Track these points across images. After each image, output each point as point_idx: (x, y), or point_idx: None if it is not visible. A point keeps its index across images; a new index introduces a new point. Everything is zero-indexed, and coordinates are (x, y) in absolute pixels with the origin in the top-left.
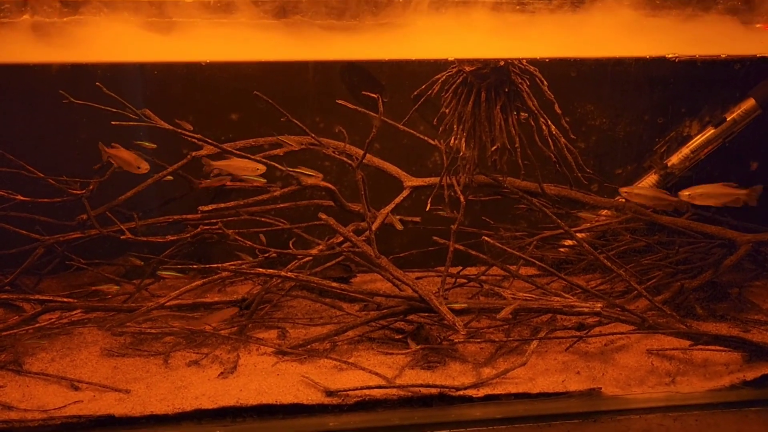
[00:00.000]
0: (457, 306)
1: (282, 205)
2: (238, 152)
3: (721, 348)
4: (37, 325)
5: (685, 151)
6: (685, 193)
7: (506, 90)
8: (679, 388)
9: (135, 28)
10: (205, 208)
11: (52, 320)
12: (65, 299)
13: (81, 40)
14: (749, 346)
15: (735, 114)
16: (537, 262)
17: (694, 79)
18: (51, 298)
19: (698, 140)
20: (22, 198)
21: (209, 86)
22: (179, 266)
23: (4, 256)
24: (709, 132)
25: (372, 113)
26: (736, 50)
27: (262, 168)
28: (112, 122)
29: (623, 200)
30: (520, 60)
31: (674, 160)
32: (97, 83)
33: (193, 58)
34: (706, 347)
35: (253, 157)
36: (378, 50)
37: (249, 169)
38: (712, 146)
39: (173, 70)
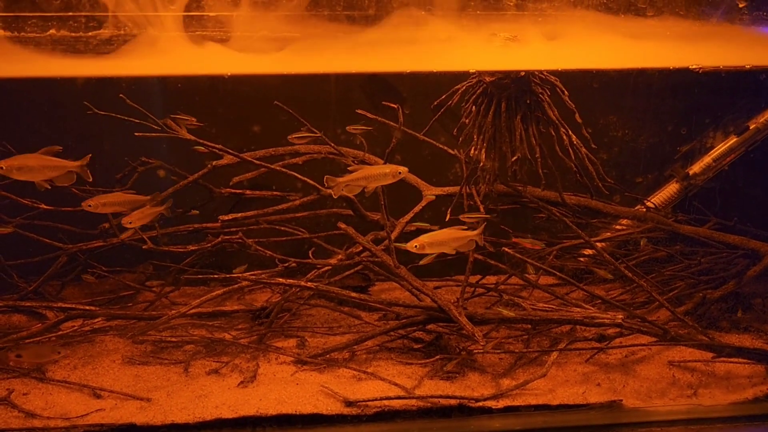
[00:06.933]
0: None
1: (301, 214)
2: (258, 162)
3: (744, 360)
4: (59, 333)
5: (707, 159)
6: None
7: (527, 101)
8: (701, 400)
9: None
10: (226, 218)
11: (75, 328)
12: (87, 307)
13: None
14: None
15: (759, 122)
16: (556, 273)
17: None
18: (73, 305)
19: (721, 149)
20: (45, 207)
21: (232, 98)
22: (200, 276)
23: (28, 264)
24: (732, 141)
25: (392, 123)
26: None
27: None
28: (136, 133)
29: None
30: (540, 70)
31: (696, 169)
32: (120, 95)
33: (216, 70)
34: (729, 359)
35: (271, 166)
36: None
37: None
38: (735, 155)
39: (196, 82)
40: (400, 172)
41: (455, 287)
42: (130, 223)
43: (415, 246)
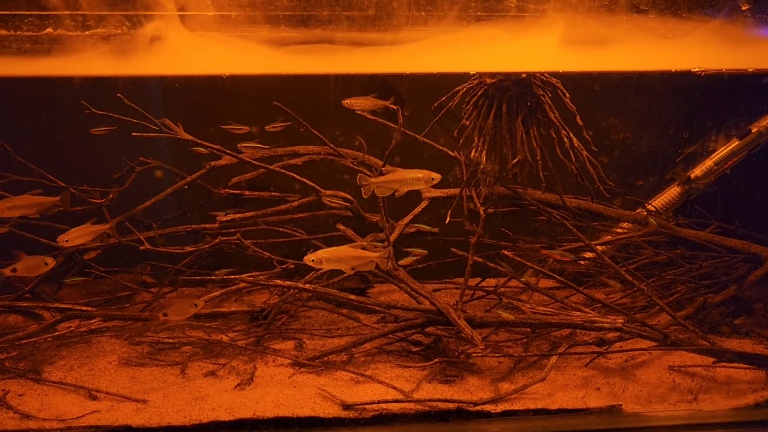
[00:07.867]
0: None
1: (300, 215)
2: (257, 163)
3: (745, 365)
4: (56, 334)
5: (709, 163)
6: None
7: (528, 103)
8: (701, 406)
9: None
10: (224, 218)
11: (71, 328)
12: (84, 308)
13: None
14: None
15: (761, 126)
16: (556, 276)
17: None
18: (70, 306)
19: (722, 152)
20: None
21: (230, 98)
22: (198, 277)
23: None
24: (734, 144)
25: (392, 125)
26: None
27: None
28: (133, 133)
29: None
30: (542, 72)
31: (697, 172)
32: (118, 94)
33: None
34: (730, 364)
35: (270, 166)
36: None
37: None
38: (737, 158)
39: (194, 82)
40: (433, 178)
41: (454, 290)
42: (66, 241)
43: (312, 260)
